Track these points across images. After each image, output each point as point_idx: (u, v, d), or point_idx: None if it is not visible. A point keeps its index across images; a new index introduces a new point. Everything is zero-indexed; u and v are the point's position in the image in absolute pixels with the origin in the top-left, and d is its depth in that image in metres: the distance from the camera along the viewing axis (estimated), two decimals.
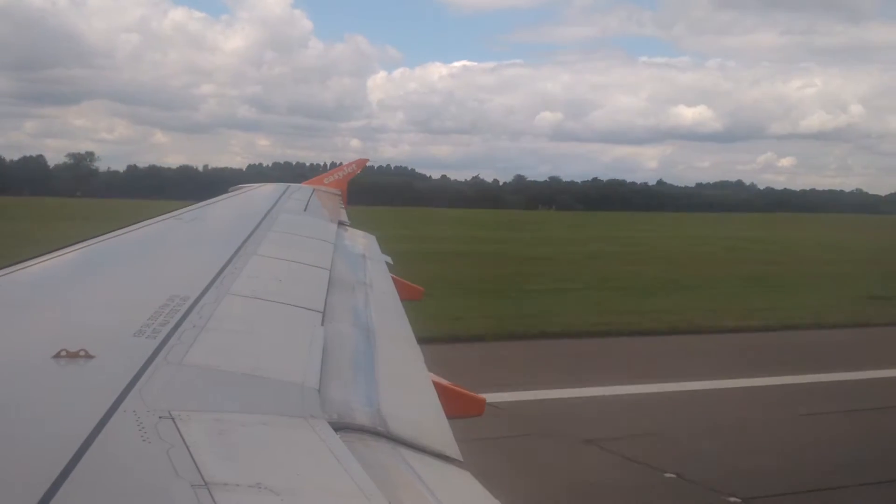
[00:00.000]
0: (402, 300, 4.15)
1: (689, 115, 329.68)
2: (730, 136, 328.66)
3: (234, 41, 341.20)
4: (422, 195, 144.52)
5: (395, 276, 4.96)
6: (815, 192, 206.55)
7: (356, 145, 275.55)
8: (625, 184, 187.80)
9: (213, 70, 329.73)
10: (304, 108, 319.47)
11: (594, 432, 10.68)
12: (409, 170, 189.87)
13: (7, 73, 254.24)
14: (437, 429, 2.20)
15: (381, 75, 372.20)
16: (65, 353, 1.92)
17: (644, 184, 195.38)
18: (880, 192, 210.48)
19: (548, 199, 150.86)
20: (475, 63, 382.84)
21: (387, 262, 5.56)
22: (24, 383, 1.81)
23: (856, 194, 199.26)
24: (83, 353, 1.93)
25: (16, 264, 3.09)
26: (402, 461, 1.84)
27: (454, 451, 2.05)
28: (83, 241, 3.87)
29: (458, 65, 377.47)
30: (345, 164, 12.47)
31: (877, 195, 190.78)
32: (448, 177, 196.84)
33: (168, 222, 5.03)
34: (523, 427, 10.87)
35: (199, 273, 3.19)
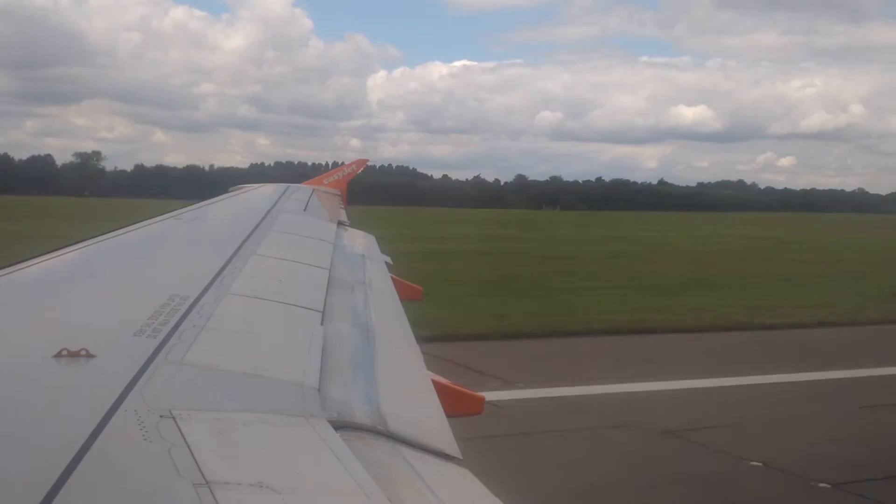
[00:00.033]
0: (402, 300, 4.15)
1: (690, 114, 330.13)
2: (730, 135, 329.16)
3: (234, 40, 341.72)
4: (424, 195, 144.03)
5: (394, 276, 4.96)
6: (816, 191, 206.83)
7: (356, 145, 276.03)
8: (629, 183, 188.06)
9: (213, 69, 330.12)
10: (304, 107, 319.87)
11: (670, 424, 10.90)
12: (410, 169, 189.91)
13: (8, 71, 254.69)
14: (436, 427, 2.20)
15: (382, 75, 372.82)
16: (66, 352, 1.93)
17: (646, 183, 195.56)
18: (881, 192, 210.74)
19: (552, 198, 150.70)
20: (475, 62, 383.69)
21: (386, 262, 5.56)
22: (25, 383, 1.82)
23: (857, 194, 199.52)
24: (84, 352, 1.93)
25: (17, 264, 3.10)
26: (402, 459, 1.84)
27: (454, 449, 2.05)
28: (84, 240, 3.87)
29: (458, 64, 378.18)
30: (345, 165, 12.49)
31: (878, 195, 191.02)
32: (449, 176, 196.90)
33: (168, 222, 5.04)
34: (602, 419, 11.11)
35: (199, 273, 3.19)
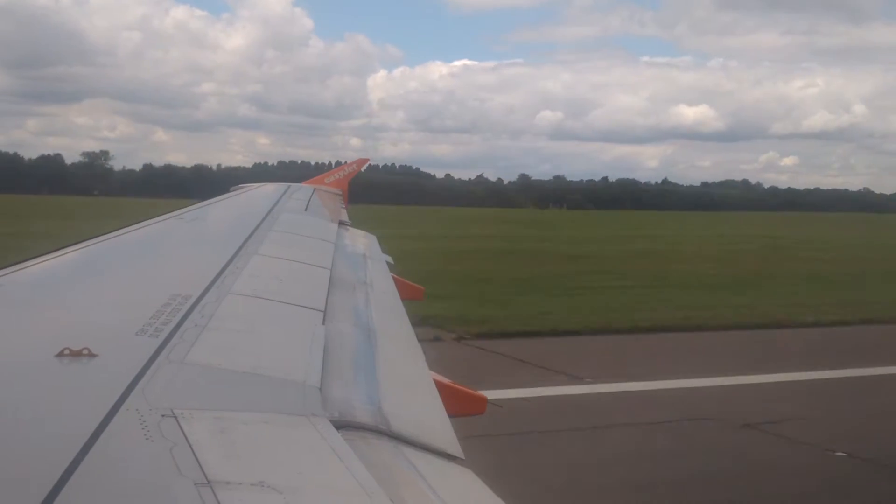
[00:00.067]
0: (403, 300, 4.15)
1: (691, 114, 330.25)
2: (732, 135, 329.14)
3: (234, 40, 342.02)
4: (430, 194, 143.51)
5: (395, 276, 4.96)
6: (820, 191, 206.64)
7: (356, 144, 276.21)
8: (635, 183, 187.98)
9: (213, 68, 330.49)
10: (305, 106, 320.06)
11: (747, 417, 10.99)
12: (413, 169, 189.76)
13: (9, 70, 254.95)
14: (438, 427, 2.20)
15: (382, 74, 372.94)
16: (68, 351, 1.93)
17: (649, 182, 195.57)
18: (885, 191, 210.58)
19: (559, 198, 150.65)
20: (476, 62, 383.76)
21: (387, 262, 5.56)
22: (27, 382, 1.82)
23: (863, 193, 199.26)
24: (86, 351, 1.93)
25: (19, 263, 3.10)
26: (403, 459, 1.84)
27: (456, 449, 2.05)
28: (86, 240, 3.88)
29: (458, 64, 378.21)
30: (345, 164, 12.50)
31: (883, 194, 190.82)
32: (452, 176, 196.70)
33: (170, 222, 5.04)
34: (678, 413, 11.21)
35: (200, 272, 3.19)
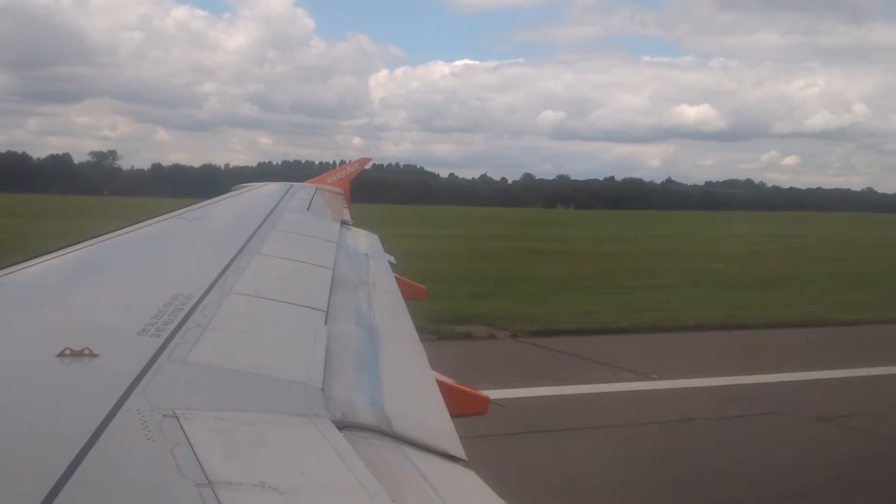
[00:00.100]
0: (406, 299, 4.14)
1: (692, 114, 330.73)
2: (733, 135, 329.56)
3: (236, 39, 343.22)
4: (436, 193, 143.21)
5: (398, 276, 4.95)
6: (823, 190, 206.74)
7: (358, 143, 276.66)
8: (642, 182, 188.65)
9: (215, 68, 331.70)
10: (306, 106, 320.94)
11: (819, 411, 11.04)
12: (418, 168, 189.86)
13: (10, 70, 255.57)
14: (441, 427, 2.19)
15: (384, 74, 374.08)
16: (69, 351, 1.92)
17: (653, 182, 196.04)
18: (886, 191, 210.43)
19: (566, 197, 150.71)
20: (477, 62, 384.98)
21: (389, 262, 5.55)
22: (28, 381, 1.81)
23: (866, 193, 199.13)
24: (87, 351, 1.93)
25: (20, 263, 3.10)
26: (405, 460, 1.84)
27: (458, 449, 2.04)
28: (87, 239, 3.87)
29: (460, 63, 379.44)
30: (347, 164, 12.50)
31: (886, 194, 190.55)
32: (456, 175, 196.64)
33: (172, 221, 5.04)
34: (751, 408, 11.27)
35: (202, 272, 3.19)
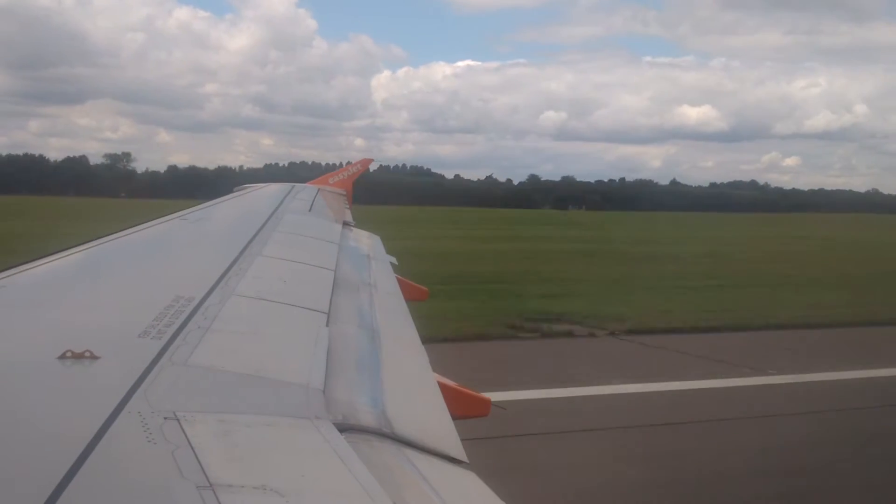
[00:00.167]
0: (407, 301, 4.14)
1: (694, 114, 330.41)
2: (734, 135, 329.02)
3: (238, 40, 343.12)
4: (448, 195, 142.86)
5: (399, 277, 4.95)
6: (825, 191, 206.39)
7: (360, 144, 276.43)
8: (652, 184, 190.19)
9: (217, 69, 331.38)
10: (309, 107, 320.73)
11: None
12: (424, 169, 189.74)
13: (11, 71, 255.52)
14: (442, 430, 2.19)
15: (386, 75, 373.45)
16: (70, 353, 1.92)
17: (657, 183, 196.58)
18: (891, 192, 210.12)
19: (577, 198, 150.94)
20: (479, 62, 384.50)
21: (391, 263, 5.54)
22: (29, 384, 1.81)
23: (871, 194, 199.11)
24: (88, 353, 1.93)
25: (22, 265, 3.10)
26: (407, 462, 1.83)
27: (459, 451, 2.04)
28: (89, 241, 3.87)
29: (462, 64, 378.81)
30: (349, 164, 12.50)
31: (891, 195, 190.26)
32: (461, 176, 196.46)
33: (173, 222, 5.04)
34: (875, 399, 11.56)
35: (204, 274, 3.19)
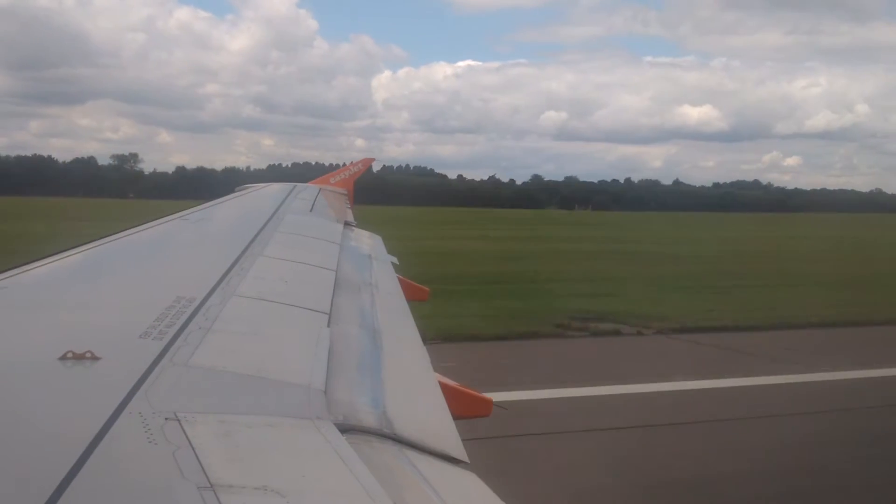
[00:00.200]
0: (409, 301, 4.13)
1: (695, 114, 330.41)
2: (735, 135, 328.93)
3: (239, 41, 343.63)
4: (456, 196, 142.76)
5: (401, 277, 4.94)
6: (826, 191, 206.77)
7: (361, 145, 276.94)
8: (659, 184, 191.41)
9: (218, 69, 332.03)
10: (309, 107, 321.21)
11: None
12: (428, 169, 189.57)
13: (12, 72, 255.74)
14: (443, 430, 2.19)
15: (386, 75, 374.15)
16: (71, 354, 1.92)
17: (659, 182, 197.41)
18: (888, 191, 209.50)
19: (583, 198, 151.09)
20: (480, 63, 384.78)
21: (392, 263, 5.54)
22: (30, 384, 1.81)
23: (875, 194, 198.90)
24: (89, 354, 1.93)
25: (23, 265, 3.10)
26: (407, 463, 1.83)
27: (460, 452, 2.04)
28: (90, 242, 3.87)
29: (462, 64, 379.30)
30: (350, 164, 12.49)
31: (895, 195, 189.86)
32: (464, 176, 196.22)
33: (175, 223, 5.04)
34: None
35: (205, 274, 3.19)
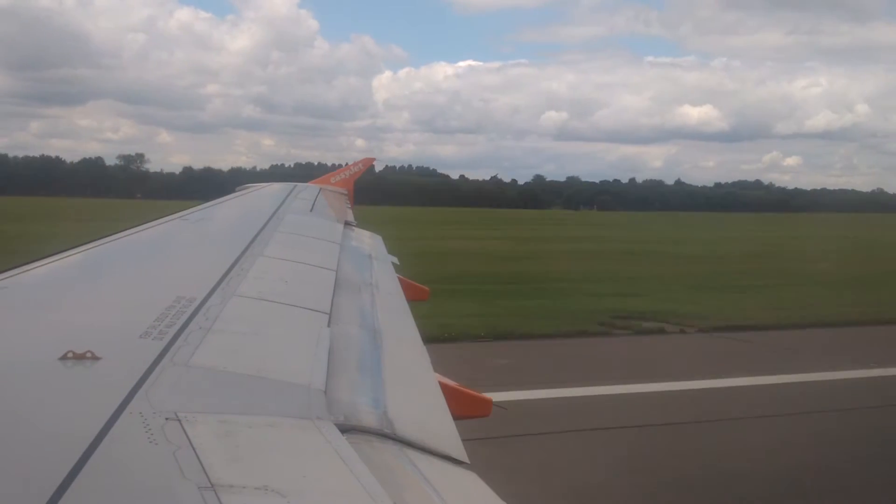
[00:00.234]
0: (409, 301, 4.14)
1: (695, 114, 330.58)
2: (735, 135, 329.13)
3: (239, 41, 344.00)
4: (462, 196, 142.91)
5: (401, 277, 4.95)
6: (827, 191, 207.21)
7: (361, 145, 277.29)
8: (663, 185, 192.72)
9: (218, 70, 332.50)
10: (310, 107, 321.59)
11: None
12: (431, 170, 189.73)
13: (13, 72, 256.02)
14: (443, 430, 2.19)
15: (387, 75, 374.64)
16: (71, 354, 1.92)
17: (663, 182, 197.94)
18: (893, 192, 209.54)
19: (587, 199, 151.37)
20: (480, 63, 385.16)
21: (393, 263, 5.54)
22: (30, 384, 1.82)
23: (876, 194, 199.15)
24: (90, 354, 1.93)
25: (23, 265, 3.10)
26: (408, 463, 1.83)
27: (460, 452, 2.04)
28: (90, 241, 3.88)
29: (463, 64, 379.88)
30: (351, 164, 12.49)
31: None
32: (466, 176, 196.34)
33: (175, 223, 5.04)
34: None
35: (205, 274, 3.19)
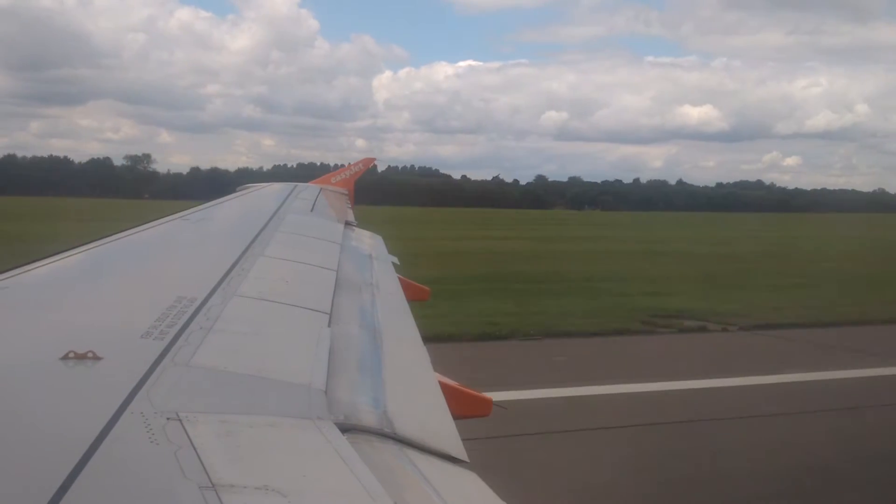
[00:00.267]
0: (409, 301, 4.14)
1: (695, 114, 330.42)
2: (735, 135, 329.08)
3: (240, 41, 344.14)
4: (466, 197, 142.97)
5: (401, 277, 4.95)
6: (828, 191, 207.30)
7: (361, 145, 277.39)
8: (667, 185, 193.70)
9: (219, 70, 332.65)
10: (310, 107, 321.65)
11: None
12: (433, 170, 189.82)
13: (13, 73, 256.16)
14: (443, 430, 2.20)
15: (387, 75, 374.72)
16: (72, 354, 1.93)
17: (666, 182, 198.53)
18: (894, 192, 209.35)
19: (590, 199, 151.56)
20: (481, 63, 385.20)
21: (393, 263, 5.54)
22: (32, 384, 1.82)
23: (878, 194, 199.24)
24: (91, 354, 1.93)
25: (24, 265, 3.10)
26: (408, 462, 1.84)
27: (460, 452, 2.05)
28: (91, 241, 3.88)
29: (463, 64, 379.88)
30: (351, 164, 12.49)
31: None
32: (468, 177, 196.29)
33: (175, 223, 5.04)
34: None
35: (206, 274, 3.20)
